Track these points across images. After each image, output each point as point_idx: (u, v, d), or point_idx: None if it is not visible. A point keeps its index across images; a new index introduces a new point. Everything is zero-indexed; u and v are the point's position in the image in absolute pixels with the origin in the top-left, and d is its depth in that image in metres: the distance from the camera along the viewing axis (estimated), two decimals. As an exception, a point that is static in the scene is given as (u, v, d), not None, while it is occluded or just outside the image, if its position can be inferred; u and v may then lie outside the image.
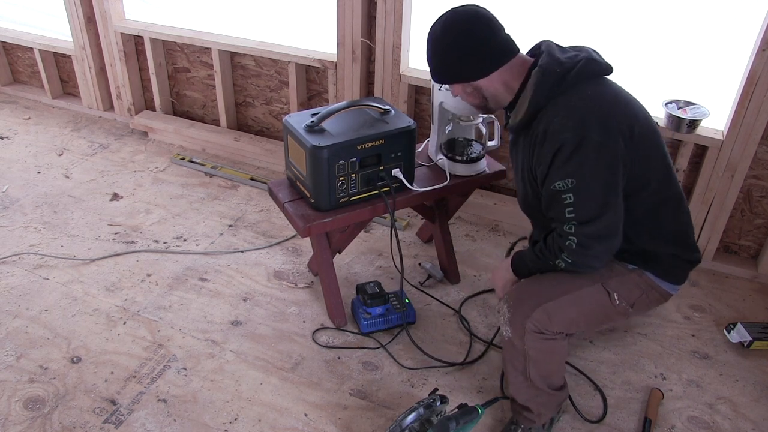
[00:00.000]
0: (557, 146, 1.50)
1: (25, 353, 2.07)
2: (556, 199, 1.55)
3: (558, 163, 1.51)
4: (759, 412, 1.94)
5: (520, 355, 1.68)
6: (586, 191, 1.52)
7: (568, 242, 1.56)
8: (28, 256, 2.50)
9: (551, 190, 1.55)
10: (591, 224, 1.53)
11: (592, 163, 1.50)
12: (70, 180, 3.01)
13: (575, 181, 1.50)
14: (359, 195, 2.01)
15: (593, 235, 1.55)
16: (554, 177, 1.53)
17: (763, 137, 2.24)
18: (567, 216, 1.54)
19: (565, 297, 1.64)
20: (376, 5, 2.57)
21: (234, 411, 1.90)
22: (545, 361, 1.70)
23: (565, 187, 1.51)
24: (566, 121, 1.50)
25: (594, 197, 1.52)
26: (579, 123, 1.49)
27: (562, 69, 1.54)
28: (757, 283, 2.46)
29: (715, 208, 2.39)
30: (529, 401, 1.75)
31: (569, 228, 1.55)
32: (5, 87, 3.78)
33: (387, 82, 2.71)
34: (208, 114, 3.38)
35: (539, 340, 1.64)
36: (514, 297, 1.68)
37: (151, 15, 3.45)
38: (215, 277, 2.43)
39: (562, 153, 1.50)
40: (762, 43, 2.06)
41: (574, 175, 1.50)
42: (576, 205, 1.52)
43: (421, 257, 2.55)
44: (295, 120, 1.98)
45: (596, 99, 1.54)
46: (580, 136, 1.48)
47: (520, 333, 1.64)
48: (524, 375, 1.71)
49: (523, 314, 1.63)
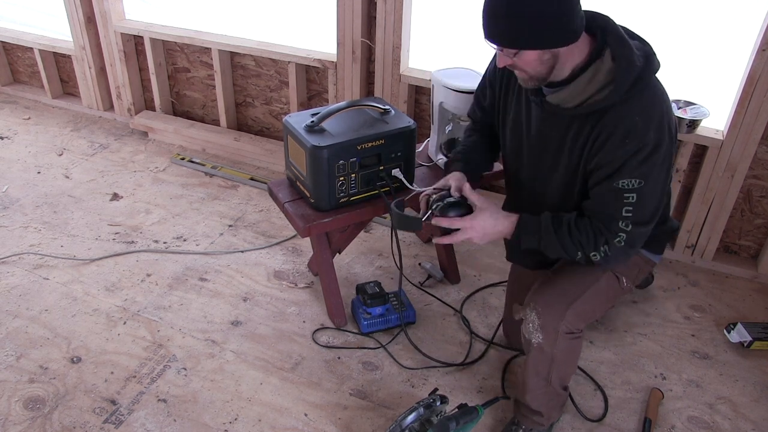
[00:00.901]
0: (638, 147, 1.44)
1: (25, 353, 2.07)
2: (616, 197, 1.49)
3: (633, 163, 1.45)
4: (759, 412, 1.94)
5: (547, 360, 1.65)
6: (650, 194, 1.48)
7: (618, 239, 1.51)
8: (28, 256, 2.50)
9: (613, 187, 1.48)
10: (645, 226, 1.52)
11: (662, 168, 1.47)
12: (70, 180, 3.01)
13: (643, 182, 1.46)
14: (359, 195, 2.01)
15: (643, 236, 1.53)
16: (623, 175, 1.46)
17: (763, 137, 2.24)
18: (623, 214, 1.49)
19: (587, 292, 1.63)
20: (376, 5, 2.57)
21: (234, 411, 1.90)
22: (567, 362, 1.70)
23: (631, 186, 1.46)
24: (649, 123, 1.44)
25: (654, 200, 1.50)
26: (659, 126, 1.44)
27: (641, 63, 1.44)
28: (757, 283, 2.46)
29: (715, 208, 2.39)
30: (543, 405, 1.74)
31: (624, 225, 1.50)
32: (5, 87, 3.78)
33: (387, 82, 2.71)
34: (208, 114, 3.38)
35: (568, 341, 1.63)
36: (541, 302, 1.62)
37: (151, 15, 3.45)
38: (215, 277, 2.43)
39: (640, 154, 1.44)
40: (762, 43, 2.06)
41: (644, 176, 1.45)
42: (636, 206, 1.48)
43: (421, 257, 2.55)
44: (295, 120, 1.98)
45: (667, 100, 1.50)
46: (659, 140, 1.44)
47: (553, 337, 1.61)
48: (547, 380, 1.69)
49: (556, 318, 1.60)
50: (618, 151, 1.46)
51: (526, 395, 1.74)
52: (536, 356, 1.66)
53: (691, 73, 3.38)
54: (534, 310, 1.62)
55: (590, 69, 1.47)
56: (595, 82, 1.47)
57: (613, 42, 1.46)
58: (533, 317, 1.62)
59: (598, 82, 1.47)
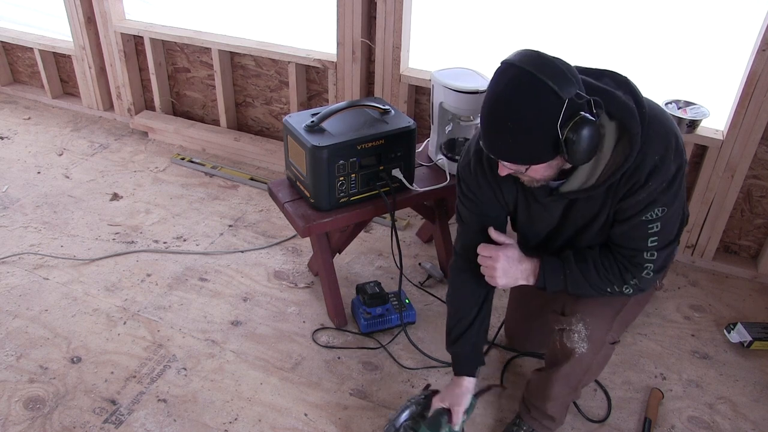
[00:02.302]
0: (662, 181, 1.36)
1: (25, 353, 2.07)
2: (641, 230, 1.42)
3: (656, 196, 1.38)
4: (759, 412, 1.94)
5: (584, 369, 1.61)
6: (673, 217, 1.43)
7: (645, 271, 1.46)
8: (28, 256, 2.50)
9: (638, 222, 1.42)
10: (669, 247, 1.46)
11: (681, 189, 1.41)
12: (70, 180, 3.01)
13: (666, 209, 1.40)
14: (359, 195, 2.01)
15: (670, 256, 1.49)
16: (647, 210, 1.39)
17: (763, 137, 2.24)
18: (649, 245, 1.43)
19: (631, 300, 1.61)
20: (376, 5, 2.57)
21: (234, 411, 1.90)
22: (598, 370, 1.68)
23: (655, 216, 1.40)
24: (670, 154, 1.35)
25: (677, 220, 1.46)
26: (677, 151, 1.37)
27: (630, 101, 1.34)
28: (757, 283, 2.46)
29: (715, 208, 2.39)
30: (559, 412, 1.74)
31: (650, 255, 1.44)
32: (5, 87, 3.78)
33: (387, 82, 2.71)
34: (208, 114, 3.38)
35: (608, 349, 1.61)
36: (588, 313, 1.55)
37: (151, 15, 3.45)
38: (215, 277, 2.43)
39: (663, 186, 1.37)
40: (762, 43, 2.06)
41: (666, 203, 1.39)
42: (660, 233, 1.42)
43: (421, 257, 2.55)
44: (295, 120, 1.98)
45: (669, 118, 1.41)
46: (679, 164, 1.37)
47: (598, 348, 1.57)
48: (574, 389, 1.67)
49: (605, 328, 1.56)
50: (642, 193, 1.38)
51: (546, 402, 1.70)
52: (574, 366, 1.59)
53: (691, 73, 3.37)
54: (581, 321, 1.55)
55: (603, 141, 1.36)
56: (604, 150, 1.36)
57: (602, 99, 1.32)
58: (580, 327, 1.55)
59: (608, 148, 1.36)
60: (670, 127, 1.39)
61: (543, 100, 1.23)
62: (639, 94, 1.37)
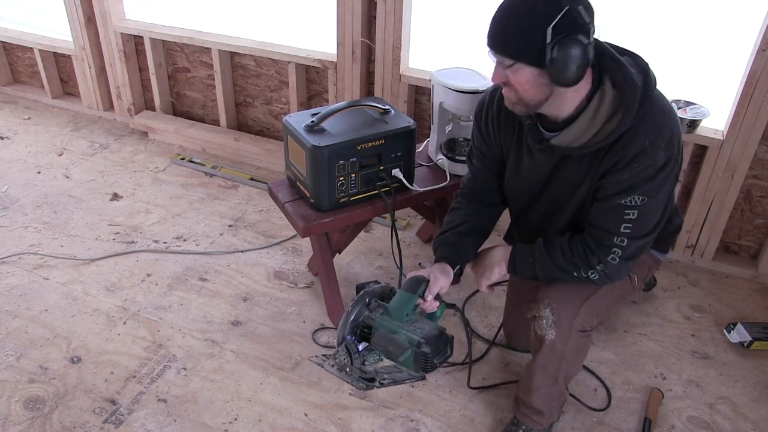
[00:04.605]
0: (646, 166, 1.40)
1: (25, 353, 2.07)
2: (617, 212, 1.46)
3: (639, 182, 1.42)
4: (759, 412, 1.94)
5: (557, 358, 1.63)
6: (652, 210, 1.46)
7: (612, 256, 1.49)
8: (28, 256, 2.50)
9: (615, 203, 1.45)
10: (644, 238, 1.49)
11: (666, 184, 1.44)
12: (70, 180, 3.01)
13: (647, 199, 1.43)
14: (359, 195, 2.01)
15: (642, 248, 1.51)
16: (627, 194, 1.43)
17: (763, 137, 2.23)
18: (621, 230, 1.47)
19: (601, 289, 1.63)
20: (376, 5, 2.57)
21: (234, 411, 1.90)
22: (576, 361, 1.69)
23: (634, 203, 1.43)
24: (661, 142, 1.39)
25: (656, 215, 1.48)
26: (669, 143, 1.41)
27: (640, 81, 1.40)
28: (757, 283, 2.46)
29: (715, 208, 2.39)
30: (546, 405, 1.74)
31: (620, 240, 1.48)
32: (5, 87, 3.78)
33: (387, 82, 2.71)
34: (208, 114, 3.38)
35: (580, 338, 1.62)
36: (555, 298, 1.60)
37: (151, 15, 3.45)
38: (215, 277, 2.43)
39: (647, 173, 1.41)
40: (762, 43, 2.06)
41: (648, 194, 1.42)
42: (636, 222, 1.45)
43: (421, 257, 2.55)
44: (295, 120, 1.98)
45: (672, 113, 1.45)
46: (669, 156, 1.41)
47: (566, 334, 1.59)
48: (554, 378, 1.68)
49: (571, 314, 1.59)
50: (626, 173, 1.42)
51: (531, 394, 1.72)
52: (547, 354, 1.63)
53: (691, 73, 3.38)
54: (548, 307, 1.60)
55: (593, 101, 1.42)
56: (600, 114, 1.42)
57: (610, 66, 1.41)
58: (547, 313, 1.60)
59: (603, 114, 1.42)
60: (668, 120, 1.42)
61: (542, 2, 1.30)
62: (652, 79, 1.42)
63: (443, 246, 1.72)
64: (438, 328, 1.50)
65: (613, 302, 1.72)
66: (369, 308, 1.55)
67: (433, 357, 1.45)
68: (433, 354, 1.45)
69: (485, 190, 1.78)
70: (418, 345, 1.45)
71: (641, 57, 1.46)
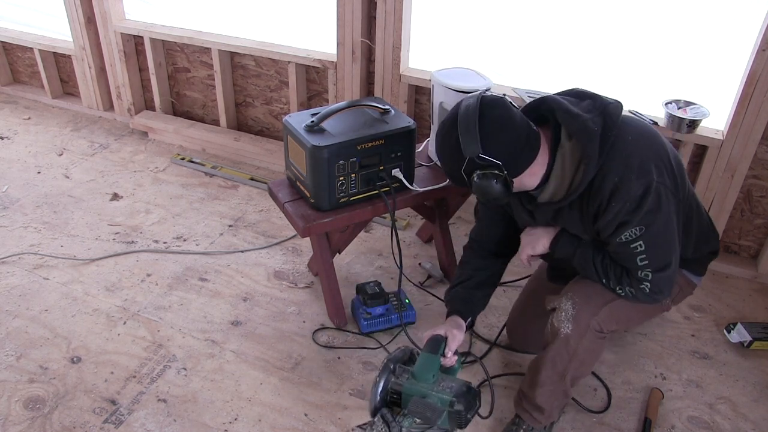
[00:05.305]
0: (624, 201, 1.45)
1: (25, 353, 2.07)
2: (626, 250, 1.51)
3: (625, 217, 1.46)
4: (759, 412, 1.94)
5: (569, 354, 1.65)
6: (658, 236, 1.49)
7: (643, 286, 1.54)
8: (28, 256, 2.50)
9: (618, 242, 1.51)
10: (666, 270, 1.53)
11: (661, 206, 1.46)
12: (70, 180, 3.01)
13: (644, 228, 1.46)
14: (359, 195, 2.01)
15: (668, 280, 1.55)
16: (622, 230, 1.48)
17: (763, 137, 2.24)
18: (640, 264, 1.51)
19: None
20: (376, 5, 2.57)
21: (234, 411, 1.90)
22: (587, 362, 1.70)
23: (634, 235, 1.47)
24: (630, 174, 1.44)
25: (666, 241, 1.51)
26: (641, 170, 1.45)
27: (598, 126, 1.45)
28: (757, 283, 2.46)
29: (715, 208, 2.39)
30: (547, 402, 1.74)
31: (644, 274, 1.52)
32: (5, 87, 3.78)
33: (387, 82, 2.71)
34: (208, 114, 3.38)
35: (595, 339, 1.64)
36: (579, 294, 1.64)
37: (151, 15, 3.45)
38: (215, 277, 2.43)
39: (628, 206, 1.45)
40: (762, 43, 2.06)
41: (643, 222, 1.46)
42: (648, 252, 1.49)
43: (421, 257, 2.55)
44: (295, 120, 1.98)
45: (642, 137, 1.50)
46: (647, 183, 1.44)
47: (582, 331, 1.62)
48: (561, 375, 1.69)
49: (591, 312, 1.61)
50: (609, 213, 1.47)
51: (535, 389, 1.73)
52: (559, 347, 1.66)
53: (691, 73, 3.38)
54: (570, 300, 1.63)
55: (557, 162, 1.49)
56: (567, 168, 1.50)
57: (564, 119, 1.47)
58: (568, 306, 1.63)
59: (568, 169, 1.49)
60: (636, 148, 1.47)
61: (454, 148, 1.46)
62: (614, 118, 1.47)
63: (454, 300, 1.80)
64: (465, 384, 1.54)
65: (635, 313, 1.73)
66: (395, 374, 1.58)
67: (467, 413, 1.49)
68: (466, 410, 1.49)
69: (492, 242, 1.84)
70: (451, 404, 1.48)
71: (603, 97, 1.51)
